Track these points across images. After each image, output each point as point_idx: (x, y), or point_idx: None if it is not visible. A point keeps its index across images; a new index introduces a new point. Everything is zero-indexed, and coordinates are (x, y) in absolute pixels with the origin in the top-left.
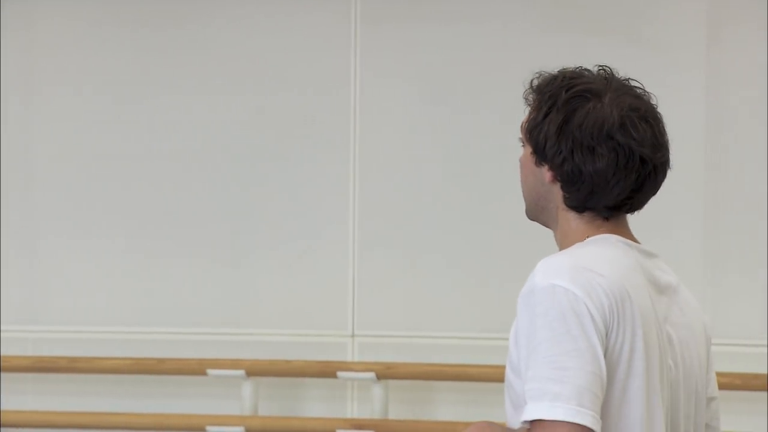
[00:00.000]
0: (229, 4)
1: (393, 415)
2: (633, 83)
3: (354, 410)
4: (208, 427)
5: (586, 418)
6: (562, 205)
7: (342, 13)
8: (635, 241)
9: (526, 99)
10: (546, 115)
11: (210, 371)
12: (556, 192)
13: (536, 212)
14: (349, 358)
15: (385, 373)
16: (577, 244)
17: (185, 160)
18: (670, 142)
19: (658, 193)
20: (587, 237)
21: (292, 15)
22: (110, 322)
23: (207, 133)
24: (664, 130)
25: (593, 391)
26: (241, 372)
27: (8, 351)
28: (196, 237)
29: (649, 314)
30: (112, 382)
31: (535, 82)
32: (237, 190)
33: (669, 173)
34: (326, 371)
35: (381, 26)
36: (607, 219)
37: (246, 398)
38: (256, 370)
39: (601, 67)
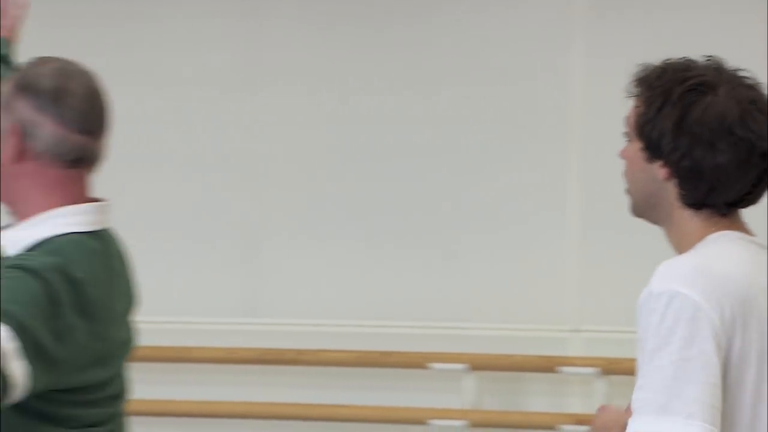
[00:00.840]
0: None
1: None
2: (742, 73)
3: (576, 405)
4: (429, 421)
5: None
6: (677, 203)
7: (563, 4)
8: (751, 234)
9: (631, 92)
10: (659, 110)
11: (432, 365)
12: (671, 189)
13: (646, 209)
14: (570, 353)
15: (609, 368)
16: (698, 245)
17: (405, 154)
18: None
19: None
20: (706, 235)
21: (513, 8)
22: (336, 315)
23: (428, 127)
24: None
25: (706, 402)
26: (463, 366)
27: (236, 343)
28: (418, 231)
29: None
30: (336, 374)
31: (642, 74)
32: (453, 182)
33: None
34: (546, 366)
35: (603, 17)
36: (724, 215)
37: (467, 392)
38: (478, 364)
39: (708, 57)
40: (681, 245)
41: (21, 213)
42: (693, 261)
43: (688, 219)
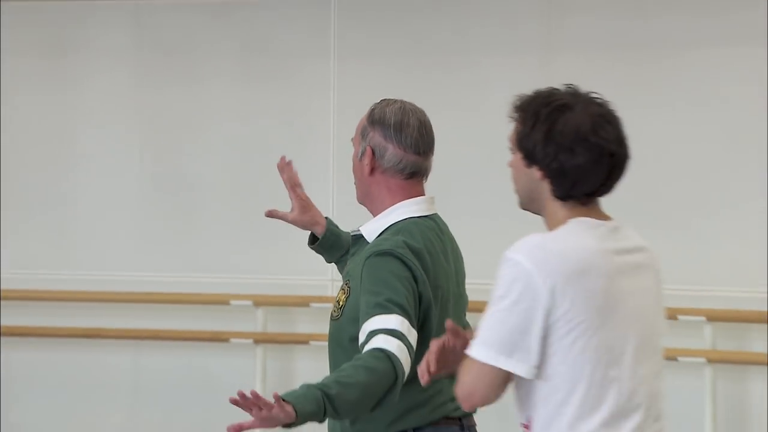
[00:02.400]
0: None
1: None
2: (595, 95)
3: None
4: (678, 358)
5: (499, 361)
6: (550, 196)
7: None
8: (607, 218)
9: (511, 117)
10: (533, 127)
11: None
12: (545, 186)
13: (529, 203)
14: None
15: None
16: (556, 229)
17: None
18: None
19: None
20: (566, 220)
21: None
22: None
23: None
24: (623, 129)
25: (517, 343)
26: (702, 318)
27: None
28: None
29: (604, 283)
30: None
31: (517, 102)
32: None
33: None
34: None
35: None
36: (584, 204)
37: (707, 338)
38: (713, 317)
39: (567, 85)
40: (551, 226)
41: (374, 210)
42: (539, 239)
43: (558, 208)
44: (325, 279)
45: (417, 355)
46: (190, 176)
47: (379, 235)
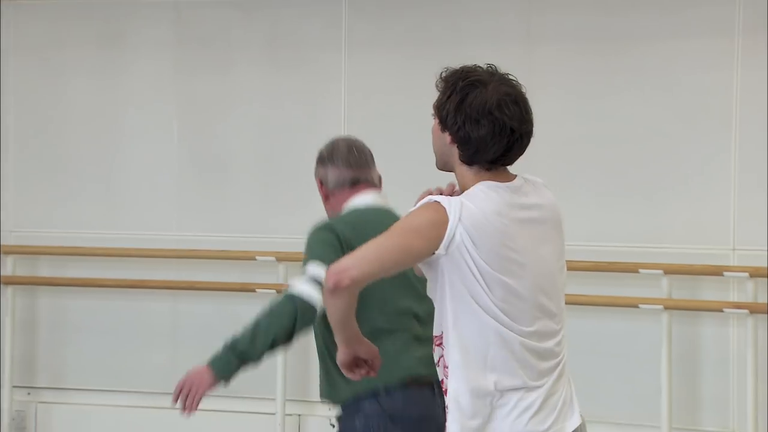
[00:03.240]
0: None
1: None
2: (510, 77)
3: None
4: (639, 305)
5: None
6: (458, 161)
7: None
8: (509, 179)
9: (436, 86)
10: (448, 97)
11: (641, 270)
12: (455, 151)
13: (442, 164)
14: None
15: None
16: (467, 190)
17: None
18: (534, 118)
19: None
20: (474, 183)
21: None
22: None
23: None
24: (530, 109)
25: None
26: (660, 271)
27: None
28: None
29: (504, 234)
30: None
31: (442, 74)
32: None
33: None
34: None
35: None
36: (488, 170)
37: (664, 288)
38: (670, 270)
39: (489, 65)
40: (462, 187)
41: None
42: (461, 197)
43: (466, 171)
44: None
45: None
46: (221, 151)
47: None
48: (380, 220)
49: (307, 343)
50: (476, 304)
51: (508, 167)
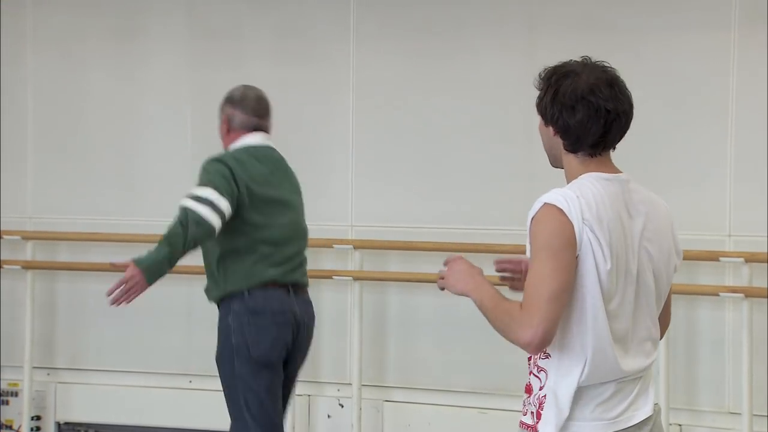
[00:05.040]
0: None
1: None
2: (604, 63)
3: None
4: None
5: None
6: (563, 151)
7: None
8: (617, 172)
9: (535, 86)
10: (545, 92)
11: None
12: (559, 143)
13: (554, 160)
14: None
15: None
16: (571, 183)
17: None
18: (633, 99)
19: None
20: (581, 173)
21: None
22: None
23: None
24: (626, 90)
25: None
26: None
27: None
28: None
29: (618, 228)
30: None
31: (542, 74)
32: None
33: None
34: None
35: None
36: (592, 156)
37: None
38: None
39: (584, 57)
40: (568, 178)
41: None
42: (564, 191)
43: (572, 160)
44: (345, 225)
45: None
46: None
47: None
48: (264, 155)
49: (317, 328)
50: (586, 301)
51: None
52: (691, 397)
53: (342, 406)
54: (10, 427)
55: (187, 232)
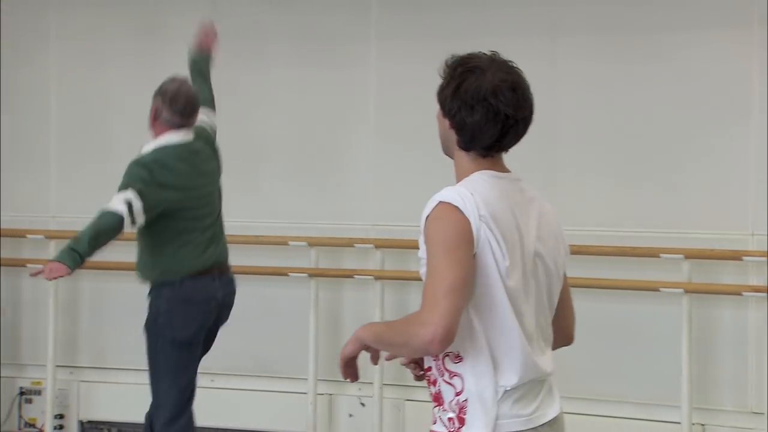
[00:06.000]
0: None
1: None
2: (511, 63)
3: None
4: (661, 288)
5: None
6: (456, 147)
7: None
8: (506, 171)
9: (439, 73)
10: (447, 83)
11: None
12: (454, 136)
13: (445, 150)
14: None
15: None
16: (463, 180)
17: None
18: (533, 105)
19: None
20: (473, 171)
21: None
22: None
23: None
24: (528, 96)
25: None
26: (681, 256)
27: None
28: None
29: (513, 226)
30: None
31: (446, 61)
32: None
33: None
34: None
35: None
36: (484, 157)
37: (684, 272)
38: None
39: (492, 52)
40: (458, 174)
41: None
42: (458, 188)
43: (463, 156)
44: (367, 224)
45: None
46: (255, 139)
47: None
48: (186, 151)
49: (338, 327)
50: (493, 298)
51: (504, 155)
52: (713, 397)
53: (363, 405)
54: (34, 425)
55: (97, 228)
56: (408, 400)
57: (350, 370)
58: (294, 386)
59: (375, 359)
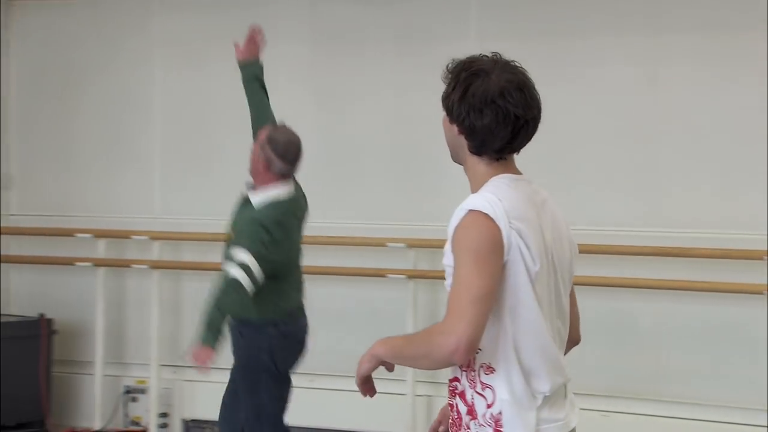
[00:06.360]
0: None
1: None
2: (515, 64)
3: None
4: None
5: None
6: (468, 152)
7: None
8: (519, 173)
9: (442, 79)
10: (453, 89)
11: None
12: (464, 142)
13: (455, 157)
14: None
15: None
16: (485, 185)
17: None
18: (541, 104)
19: None
20: (490, 176)
21: None
22: None
23: None
24: (536, 95)
25: None
26: None
27: None
28: None
29: (538, 229)
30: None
31: (447, 66)
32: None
33: None
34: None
35: None
36: (497, 160)
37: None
38: None
39: (494, 53)
40: (473, 182)
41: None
42: (485, 195)
43: (476, 162)
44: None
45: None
46: (355, 140)
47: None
48: (293, 205)
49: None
50: (524, 305)
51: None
52: (731, 395)
53: None
54: (138, 424)
55: (223, 303)
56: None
57: (368, 386)
58: (393, 387)
59: (391, 368)
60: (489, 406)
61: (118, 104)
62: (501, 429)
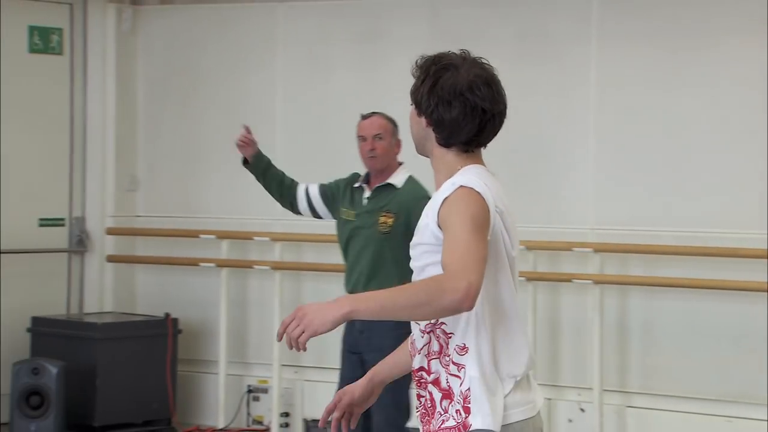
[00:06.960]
0: None
1: None
2: (482, 60)
3: None
4: None
5: None
6: (435, 144)
7: None
8: (485, 165)
9: (412, 73)
10: (422, 82)
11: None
12: (431, 134)
13: (421, 149)
14: None
15: None
16: (459, 172)
17: None
18: (507, 99)
19: None
20: (460, 166)
21: None
22: None
23: None
24: (502, 91)
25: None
26: None
27: None
28: None
29: (513, 218)
30: None
31: (417, 61)
32: None
33: None
34: None
35: None
36: (466, 152)
37: None
38: None
39: (462, 50)
40: (441, 171)
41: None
42: (471, 178)
43: (444, 154)
44: (585, 227)
45: None
46: None
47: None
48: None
49: (555, 331)
50: (504, 288)
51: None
52: (749, 390)
53: (583, 411)
54: (261, 423)
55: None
56: (629, 406)
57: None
58: None
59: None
60: (461, 385)
61: (242, 107)
62: (469, 405)
